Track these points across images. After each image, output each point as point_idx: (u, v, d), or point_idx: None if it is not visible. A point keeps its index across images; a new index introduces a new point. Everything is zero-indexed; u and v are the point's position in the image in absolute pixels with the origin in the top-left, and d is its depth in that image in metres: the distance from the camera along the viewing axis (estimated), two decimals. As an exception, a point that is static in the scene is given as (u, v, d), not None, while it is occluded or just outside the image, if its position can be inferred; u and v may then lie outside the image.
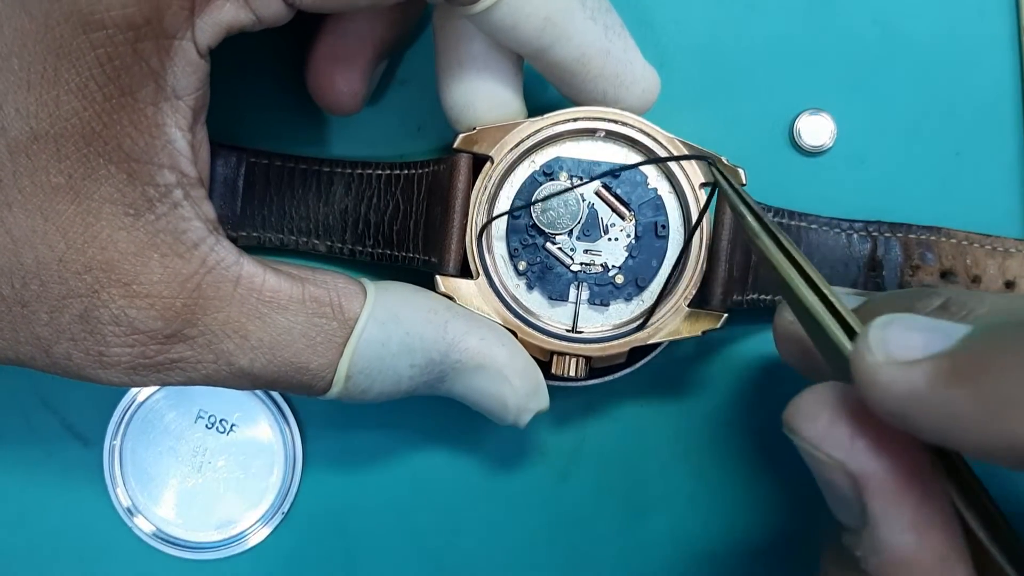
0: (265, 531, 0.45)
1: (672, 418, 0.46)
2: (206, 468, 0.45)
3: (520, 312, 0.40)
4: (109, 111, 0.34)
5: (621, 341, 0.40)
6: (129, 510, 0.45)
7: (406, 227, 0.42)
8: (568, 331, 0.41)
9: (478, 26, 0.38)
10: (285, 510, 0.45)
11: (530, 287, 0.41)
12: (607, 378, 0.43)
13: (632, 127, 0.40)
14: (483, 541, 0.46)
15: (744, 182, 0.40)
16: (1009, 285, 0.44)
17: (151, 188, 0.35)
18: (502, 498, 0.46)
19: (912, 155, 0.46)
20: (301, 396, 0.41)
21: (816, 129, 0.46)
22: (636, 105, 0.40)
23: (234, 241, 0.43)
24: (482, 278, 0.40)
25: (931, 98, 0.47)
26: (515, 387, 0.39)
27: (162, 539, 0.45)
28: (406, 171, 0.42)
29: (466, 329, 0.39)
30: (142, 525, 0.45)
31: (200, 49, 0.35)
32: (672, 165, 0.40)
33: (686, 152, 0.40)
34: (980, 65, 0.47)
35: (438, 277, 0.40)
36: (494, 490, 0.46)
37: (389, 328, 0.38)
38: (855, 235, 0.44)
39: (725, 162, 0.40)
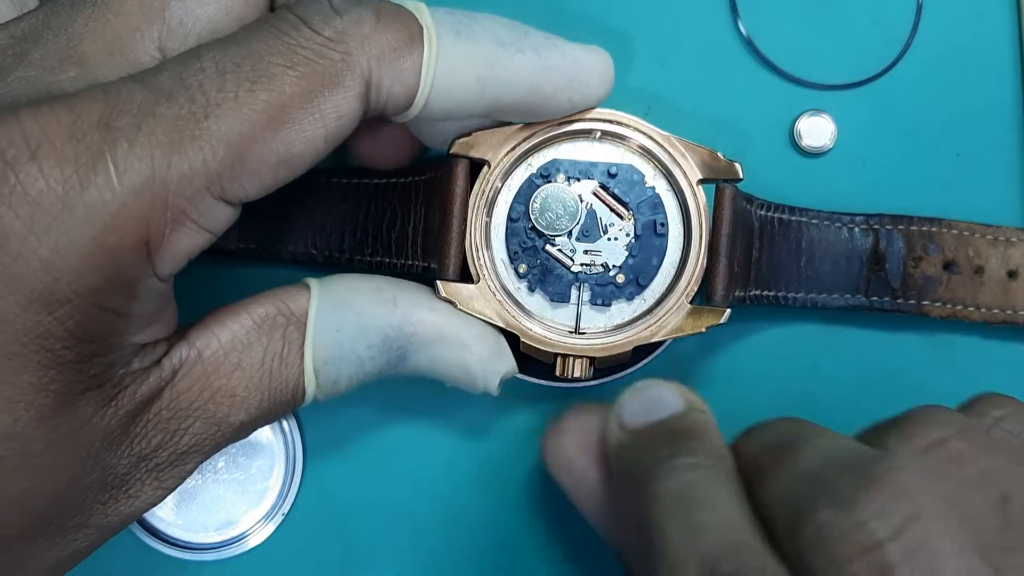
0: (265, 531, 0.45)
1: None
2: (206, 468, 0.45)
3: (522, 315, 0.40)
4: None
5: (625, 340, 0.40)
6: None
7: (404, 234, 0.42)
8: (571, 332, 0.41)
9: (425, 119, 0.38)
10: (285, 510, 0.45)
11: (531, 290, 0.41)
12: (611, 378, 0.43)
13: (628, 126, 0.40)
14: (484, 541, 0.46)
15: (741, 176, 0.40)
16: (1012, 274, 0.44)
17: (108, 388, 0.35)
18: (504, 498, 0.46)
19: (913, 156, 0.46)
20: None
21: (817, 130, 0.46)
22: (603, 91, 0.39)
23: (231, 253, 0.43)
24: (483, 282, 0.40)
25: (931, 99, 0.47)
26: (475, 352, 0.39)
27: (162, 539, 0.45)
28: (403, 179, 0.42)
29: (415, 301, 0.39)
30: (142, 525, 0.45)
31: (162, 279, 0.34)
32: (669, 163, 0.40)
33: (683, 149, 0.40)
34: (980, 66, 0.47)
35: (438, 282, 0.40)
36: (496, 491, 0.46)
37: (340, 313, 0.38)
38: (856, 229, 0.44)
39: (722, 157, 0.40)
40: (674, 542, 0.31)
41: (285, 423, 0.45)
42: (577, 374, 0.40)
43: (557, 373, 0.40)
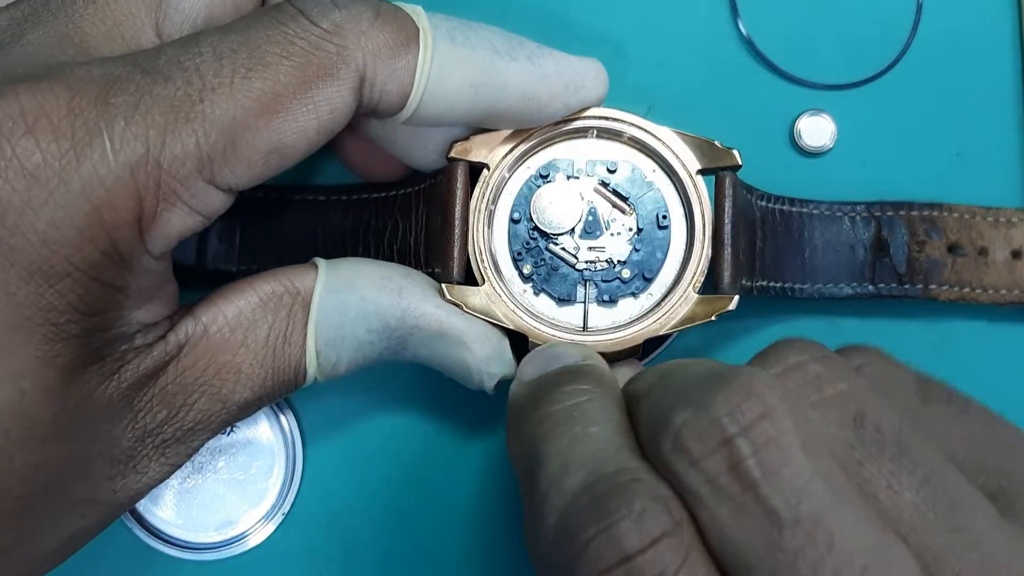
0: (266, 531, 0.45)
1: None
2: (206, 468, 0.45)
3: (529, 315, 0.40)
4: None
5: (634, 334, 0.40)
6: (129, 510, 0.44)
7: (406, 244, 0.42)
8: (579, 330, 0.40)
9: (418, 123, 0.38)
10: (285, 510, 0.45)
11: (536, 291, 0.41)
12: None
13: (624, 123, 0.40)
14: (485, 541, 0.46)
15: (740, 163, 0.40)
16: (1016, 255, 0.44)
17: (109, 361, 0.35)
18: (506, 498, 0.46)
19: (913, 156, 0.46)
20: (300, 397, 0.41)
21: (817, 130, 0.46)
22: (599, 93, 0.40)
23: (233, 276, 0.43)
24: (488, 284, 0.40)
25: (931, 98, 0.47)
26: (475, 352, 0.39)
27: (162, 539, 0.45)
28: (402, 190, 0.42)
29: (422, 295, 0.39)
30: (142, 525, 0.45)
31: (155, 257, 0.35)
32: (667, 155, 0.40)
33: (680, 141, 0.40)
34: (980, 65, 0.47)
35: (443, 286, 0.40)
36: (497, 490, 0.46)
37: (344, 296, 0.38)
38: (858, 218, 0.44)
39: (719, 145, 0.40)
40: (559, 452, 0.32)
41: (285, 423, 0.45)
42: (586, 371, 0.40)
43: (568, 371, 0.40)
